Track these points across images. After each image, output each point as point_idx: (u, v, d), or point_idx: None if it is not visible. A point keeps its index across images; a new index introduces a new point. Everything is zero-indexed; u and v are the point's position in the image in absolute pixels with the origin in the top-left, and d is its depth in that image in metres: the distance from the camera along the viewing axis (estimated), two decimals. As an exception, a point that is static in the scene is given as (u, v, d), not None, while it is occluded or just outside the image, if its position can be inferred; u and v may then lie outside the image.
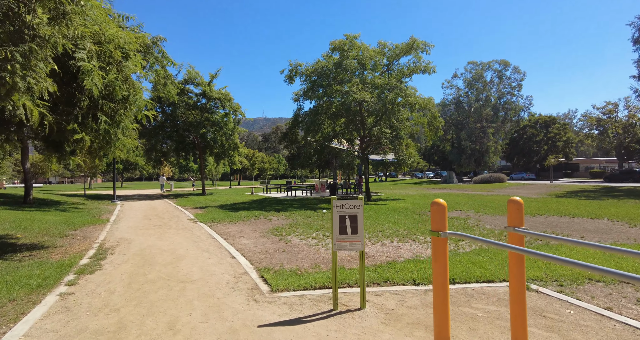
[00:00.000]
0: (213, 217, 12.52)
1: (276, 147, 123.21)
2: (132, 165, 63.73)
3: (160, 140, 26.57)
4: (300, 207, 15.78)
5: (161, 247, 7.67)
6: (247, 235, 9.01)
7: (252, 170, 58.08)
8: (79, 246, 7.61)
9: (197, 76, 23.89)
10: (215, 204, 18.17)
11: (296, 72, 18.84)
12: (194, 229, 10.10)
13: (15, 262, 6.00)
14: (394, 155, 19.15)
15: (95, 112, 6.97)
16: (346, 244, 3.99)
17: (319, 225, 10.02)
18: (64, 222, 10.67)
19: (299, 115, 20.13)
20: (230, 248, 7.45)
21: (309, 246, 7.43)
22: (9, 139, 8.19)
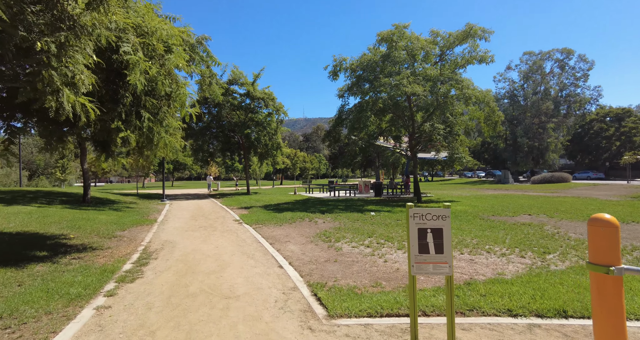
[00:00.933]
0: (258, 218, 12.08)
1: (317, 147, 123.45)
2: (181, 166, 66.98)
3: (207, 141, 27.12)
4: (345, 208, 14.93)
5: (205, 251, 7.22)
6: (294, 240, 8.34)
7: (293, 170, 58.32)
8: (125, 249, 7.40)
9: (241, 76, 23.97)
10: (260, 204, 17.91)
11: (340, 67, 18.00)
12: (239, 232, 9.66)
13: (62, 266, 5.80)
14: (448, 152, 17.60)
15: (138, 109, 6.67)
16: (428, 267, 3.06)
17: (370, 231, 9.10)
18: (115, 222, 10.78)
19: (343, 112, 19.27)
20: (277, 255, 6.80)
21: (363, 256, 6.55)
22: (62, 140, 8.23)
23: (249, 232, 9.64)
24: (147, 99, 6.63)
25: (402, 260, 6.21)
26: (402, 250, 6.98)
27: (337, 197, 22.49)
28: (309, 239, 8.40)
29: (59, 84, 3.74)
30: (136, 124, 6.54)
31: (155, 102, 6.72)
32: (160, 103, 7.12)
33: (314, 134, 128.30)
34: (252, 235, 9.14)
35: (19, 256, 6.19)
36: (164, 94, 7.10)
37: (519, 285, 4.52)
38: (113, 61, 6.32)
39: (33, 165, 47.47)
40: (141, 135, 6.80)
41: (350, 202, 18.12)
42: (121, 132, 6.25)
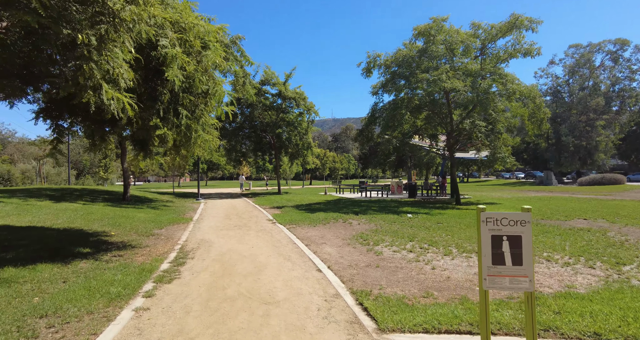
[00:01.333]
0: (291, 218, 11.89)
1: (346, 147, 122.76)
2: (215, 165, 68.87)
3: (239, 141, 27.49)
4: (379, 210, 14.42)
5: (241, 251, 7.07)
6: (330, 241, 8.02)
7: (323, 170, 58.14)
8: (162, 247, 7.40)
9: (273, 77, 24.04)
10: (291, 204, 17.78)
11: (374, 64, 17.48)
12: (273, 232, 9.48)
13: (103, 263, 5.83)
14: (489, 152, 16.56)
15: (176, 106, 6.62)
16: (503, 280, 2.61)
17: (410, 234, 8.58)
18: (152, 220, 10.98)
19: (376, 110, 18.72)
20: (314, 258, 6.50)
21: (407, 262, 6.10)
22: (104, 139, 8.42)
23: (283, 232, 9.43)
24: (185, 96, 6.57)
25: (452, 267, 5.69)
26: (449, 256, 6.44)
27: (368, 198, 21.95)
28: (346, 241, 8.04)
29: (99, 77, 3.66)
30: (173, 122, 6.49)
31: (193, 99, 6.65)
32: (197, 100, 7.05)
33: (343, 134, 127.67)
34: (287, 235, 8.92)
35: (65, 252, 6.32)
36: (201, 92, 7.03)
37: (600, 302, 3.90)
38: (152, 59, 6.30)
39: (80, 164, 50.55)
40: (179, 133, 6.76)
41: (383, 203, 17.55)
42: (159, 130, 6.22)
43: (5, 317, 3.65)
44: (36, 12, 3.65)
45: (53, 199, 13.00)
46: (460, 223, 10.35)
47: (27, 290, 4.46)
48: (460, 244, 7.36)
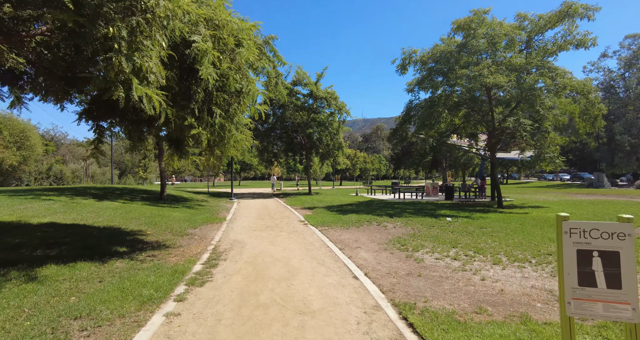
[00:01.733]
0: (323, 219, 11.60)
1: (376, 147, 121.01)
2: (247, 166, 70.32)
3: (271, 142, 27.70)
4: (415, 212, 13.77)
5: (273, 254, 6.86)
6: (365, 246, 7.62)
7: (353, 171, 57.49)
8: (195, 248, 7.37)
9: (304, 77, 23.95)
10: (322, 205, 17.51)
11: (409, 60, 16.80)
12: (305, 233, 9.23)
13: (138, 263, 5.83)
14: (535, 151, 15.33)
15: (210, 105, 6.53)
16: (595, 307, 2.13)
17: (452, 240, 7.99)
18: (187, 220, 11.12)
19: (411, 108, 18.01)
20: (350, 263, 6.14)
21: (452, 271, 5.58)
22: (141, 139, 8.56)
23: (316, 234, 9.15)
24: (219, 95, 6.46)
25: (504, 279, 5.12)
26: (499, 265, 5.84)
27: (402, 200, 21.21)
28: (382, 245, 7.61)
29: (128, 71, 3.55)
30: (208, 121, 6.40)
31: (226, 97, 6.54)
32: (231, 99, 6.94)
33: (374, 134, 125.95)
34: (319, 238, 8.63)
35: (103, 250, 6.41)
36: (235, 91, 6.90)
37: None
38: (186, 57, 6.25)
39: (122, 165, 53.47)
40: (212, 133, 6.67)
41: (419, 206, 16.82)
42: (193, 129, 6.14)
43: (42, 316, 3.63)
44: (71, 11, 3.60)
45: (96, 198, 13.60)
46: (506, 228, 9.56)
47: (66, 288, 4.47)
48: (509, 252, 6.70)
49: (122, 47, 3.50)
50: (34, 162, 34.03)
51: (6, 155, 29.75)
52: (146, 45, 3.73)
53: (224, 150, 7.29)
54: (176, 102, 6.81)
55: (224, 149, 7.22)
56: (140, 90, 3.83)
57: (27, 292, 4.28)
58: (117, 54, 3.49)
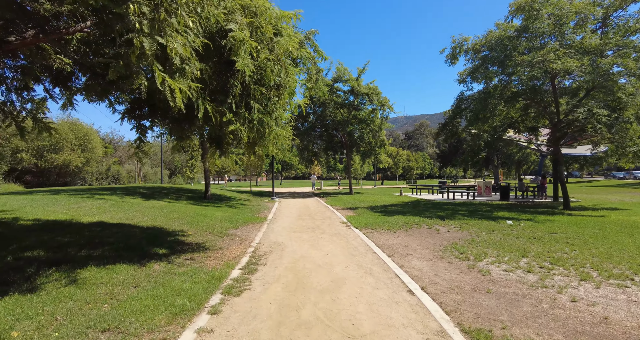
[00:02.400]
0: (367, 221, 10.88)
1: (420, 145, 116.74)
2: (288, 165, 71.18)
3: (311, 141, 27.40)
4: (469, 214, 12.56)
5: (315, 259, 6.32)
6: (417, 252, 6.82)
7: (395, 170, 55.64)
8: (235, 250, 7.05)
9: (345, 73, 23.25)
10: (365, 205, 16.74)
11: (460, 50, 15.45)
12: (348, 237, 8.60)
13: (175, 267, 5.58)
14: (612, 145, 13.30)
15: (247, 100, 6.14)
16: None
17: (520, 247, 6.91)
18: (228, 219, 10.99)
19: (462, 101, 16.61)
20: (402, 273, 5.41)
21: (529, 287, 4.65)
22: (182, 138, 8.46)
23: (360, 237, 8.49)
24: (256, 88, 6.04)
25: (603, 301, 4.11)
26: (589, 282, 4.79)
27: (452, 200, 19.78)
28: (437, 253, 6.75)
29: (149, 54, 3.16)
30: (245, 116, 6.01)
31: (264, 91, 6.10)
32: (270, 93, 6.51)
33: (417, 132, 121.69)
34: (364, 242, 7.95)
35: (143, 252, 6.29)
36: (273, 84, 6.47)
37: None
38: (222, 49, 5.91)
39: (172, 165, 56.48)
40: (251, 129, 6.28)
41: (471, 207, 15.45)
42: (231, 125, 5.76)
43: (72, 327, 3.38)
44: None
45: (144, 197, 14.04)
46: (582, 234, 8.21)
47: (101, 294, 4.26)
48: (598, 265, 5.55)
49: (144, 26, 3.12)
50: (95, 164, 36.85)
51: (72, 157, 32.46)
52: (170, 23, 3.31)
53: (264, 147, 6.88)
54: (215, 97, 6.53)
55: (263, 146, 6.81)
56: (161, 77, 3.44)
57: (64, 296, 4.11)
58: (139, 33, 3.12)
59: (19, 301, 3.91)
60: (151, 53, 3.21)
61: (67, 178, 34.59)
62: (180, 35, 3.49)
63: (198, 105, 5.44)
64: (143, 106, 7.65)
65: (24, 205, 9.66)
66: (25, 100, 7.09)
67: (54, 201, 10.69)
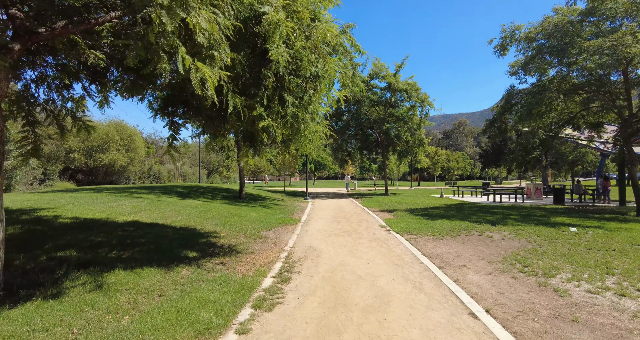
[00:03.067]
0: (408, 226, 10.04)
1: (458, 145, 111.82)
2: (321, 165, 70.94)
3: (345, 140, 26.72)
4: (522, 219, 11.29)
5: (354, 268, 5.68)
6: (472, 264, 5.96)
7: (433, 170, 53.33)
8: (268, 254, 6.58)
9: (382, 69, 22.33)
10: (403, 208, 15.81)
11: (512, 39, 14.06)
12: (389, 242, 7.86)
13: (204, 273, 5.19)
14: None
15: (281, 92, 5.64)
16: None
17: (600, 262, 5.83)
18: (262, 220, 10.63)
19: (513, 95, 15.17)
20: (458, 290, 4.63)
21: (631, 317, 3.70)
22: (215, 136, 8.17)
23: (403, 244, 7.72)
24: (291, 80, 5.52)
25: None
26: None
27: (499, 203, 18.26)
28: (496, 265, 5.86)
29: (169, 30, 2.70)
30: (278, 111, 5.51)
31: (300, 82, 5.56)
32: (305, 85, 5.97)
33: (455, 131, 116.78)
34: (408, 249, 7.18)
35: (173, 255, 5.98)
36: (310, 75, 5.92)
37: None
38: (256, 37, 5.47)
39: (210, 165, 58.19)
40: (284, 125, 5.77)
41: (523, 211, 14.02)
42: (262, 121, 5.28)
43: (87, 342, 3.01)
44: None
45: (180, 196, 14.11)
46: (674, 248, 6.88)
47: (123, 303, 3.91)
48: None
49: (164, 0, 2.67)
50: (138, 163, 38.62)
51: (117, 157, 34.20)
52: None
53: (298, 145, 6.35)
54: (246, 90, 6.10)
55: (298, 144, 6.28)
56: (189, 61, 2.98)
57: (86, 304, 3.80)
58: (157, 7, 2.67)
59: (40, 308, 3.64)
60: (172, 29, 2.75)
61: (113, 177, 36.53)
62: (205, 10, 3.01)
63: (228, 99, 5.02)
64: (176, 103, 7.43)
65: (67, 203, 9.89)
66: (66, 98, 7.05)
67: (95, 199, 10.90)
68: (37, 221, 7.16)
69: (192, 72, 3.14)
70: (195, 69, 3.17)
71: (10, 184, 21.76)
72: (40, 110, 6.93)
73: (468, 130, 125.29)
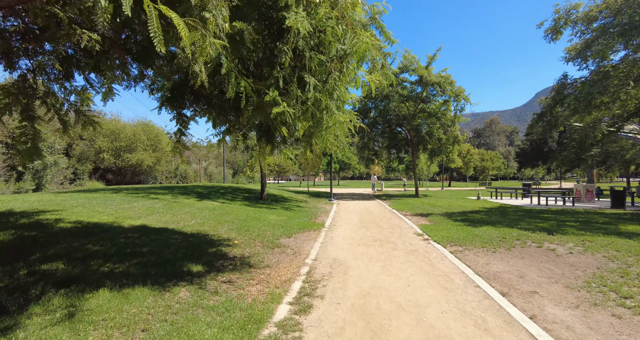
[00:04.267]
0: (449, 234, 8.70)
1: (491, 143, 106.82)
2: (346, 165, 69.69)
3: (372, 138, 25.37)
4: (583, 226, 9.62)
5: (392, 293, 4.52)
6: (543, 289, 4.63)
7: (466, 170, 50.58)
8: (285, 270, 5.54)
9: (413, 61, 20.81)
10: (439, 211, 14.34)
11: (566, 20, 12.29)
12: (431, 256, 6.61)
13: (206, 295, 4.21)
14: None
15: (300, 73, 4.57)
16: None
17: None
18: (282, 225, 9.63)
19: (565, 85, 13.35)
20: (542, 335, 3.35)
21: None
22: (230, 130, 7.24)
23: (447, 258, 6.44)
24: (313, 56, 4.43)
25: None
26: None
27: (545, 206, 16.33)
28: (579, 292, 4.49)
29: None
30: (297, 95, 4.44)
31: (324, 59, 4.46)
32: (330, 65, 4.87)
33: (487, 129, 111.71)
34: (455, 265, 5.91)
35: (174, 269, 5.07)
36: (335, 53, 4.82)
37: None
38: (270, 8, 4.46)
39: (235, 165, 58.46)
40: (305, 113, 4.70)
41: (579, 216, 12.21)
42: (276, 107, 4.23)
43: None
44: None
45: (199, 197, 13.44)
46: None
47: (92, 341, 2.98)
48: None
49: None
50: (165, 163, 39.08)
51: (144, 157, 34.63)
52: None
53: (320, 139, 5.26)
54: (258, 72, 5.10)
55: (320, 137, 5.19)
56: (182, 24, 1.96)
57: (45, 342, 2.90)
58: None
59: (-19, 349, 2.77)
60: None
61: (140, 176, 37.10)
62: None
63: (230, 80, 4.02)
64: (184, 93, 6.54)
65: (78, 204, 9.34)
66: (68, 91, 6.32)
67: (109, 200, 10.34)
68: (34, 226, 6.50)
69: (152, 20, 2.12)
70: (158, 15, 2.15)
71: (41, 183, 22.25)
72: (40, 104, 6.26)
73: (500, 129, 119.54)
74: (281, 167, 70.46)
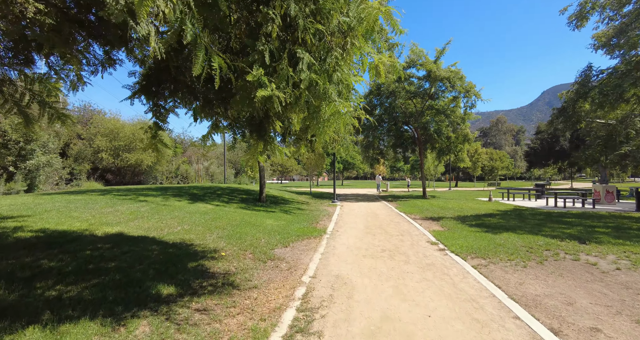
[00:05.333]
0: (467, 243, 7.67)
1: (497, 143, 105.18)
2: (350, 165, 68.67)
3: (377, 136, 24.32)
4: (617, 233, 8.56)
5: (409, 328, 3.53)
6: (606, 323, 3.62)
7: (473, 170, 49.31)
8: (277, 292, 4.56)
9: (421, 56, 19.74)
10: (450, 215, 13.29)
11: (594, 5, 11.19)
12: (451, 272, 5.60)
13: (170, 332, 3.26)
14: None
15: (292, 47, 3.60)
16: None
17: None
18: (279, 231, 8.67)
19: (589, 78, 12.25)
20: None
21: None
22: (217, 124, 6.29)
23: (471, 275, 5.43)
24: (308, 26, 3.46)
25: None
26: None
27: (563, 209, 15.21)
28: None
29: None
30: (288, 75, 3.46)
31: (322, 28, 3.49)
32: (331, 40, 3.89)
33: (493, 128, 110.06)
34: (483, 286, 4.90)
35: (140, 292, 4.13)
36: (336, 26, 3.85)
37: None
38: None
39: (237, 164, 57.61)
40: (297, 98, 3.73)
41: (607, 221, 11.10)
42: (261, 90, 3.26)
43: None
44: None
45: (192, 199, 12.52)
46: None
47: None
48: None
49: None
50: (165, 163, 38.29)
51: (144, 157, 33.86)
52: None
53: (317, 132, 4.28)
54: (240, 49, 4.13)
55: (317, 130, 4.21)
56: None
57: None
58: None
59: None
60: None
61: (140, 176, 36.36)
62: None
63: (197, 53, 3.06)
64: (160, 80, 5.58)
65: (53, 208, 8.45)
66: (30, 79, 5.37)
67: (91, 203, 9.45)
68: (-14, 236, 5.60)
69: None
70: None
71: (34, 184, 21.50)
72: (-6, 95, 5.32)
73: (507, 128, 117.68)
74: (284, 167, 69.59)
